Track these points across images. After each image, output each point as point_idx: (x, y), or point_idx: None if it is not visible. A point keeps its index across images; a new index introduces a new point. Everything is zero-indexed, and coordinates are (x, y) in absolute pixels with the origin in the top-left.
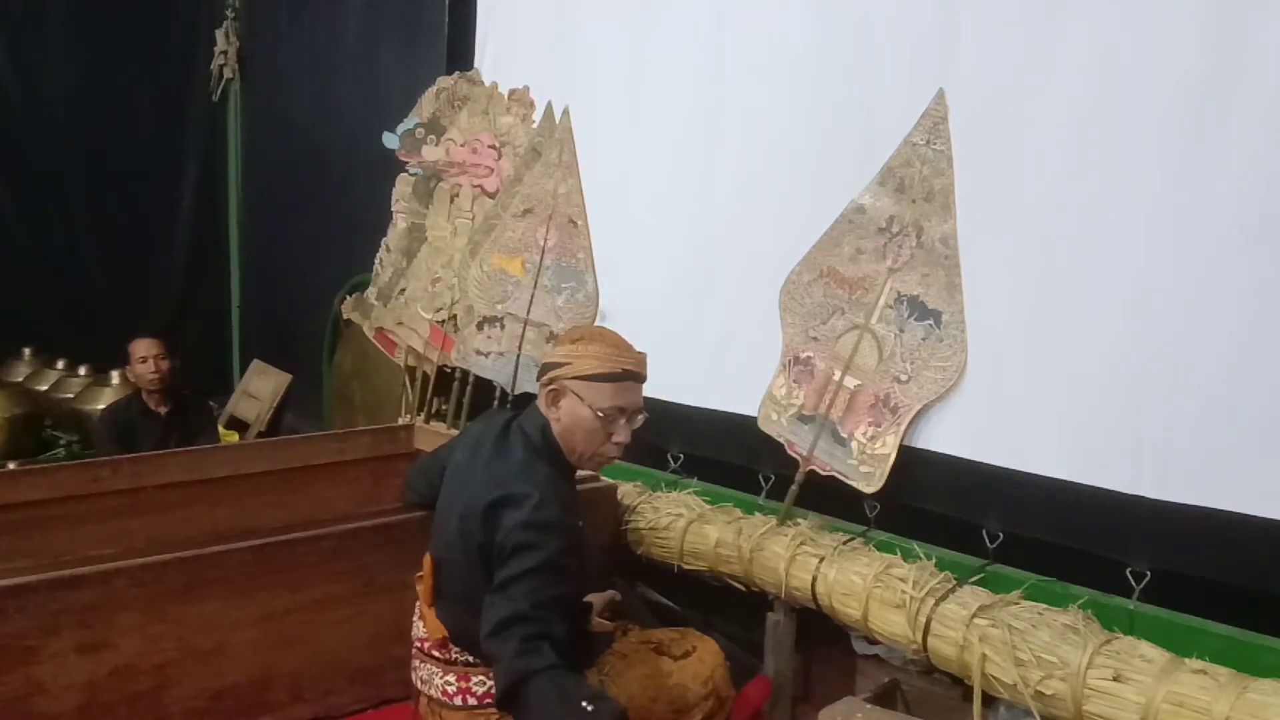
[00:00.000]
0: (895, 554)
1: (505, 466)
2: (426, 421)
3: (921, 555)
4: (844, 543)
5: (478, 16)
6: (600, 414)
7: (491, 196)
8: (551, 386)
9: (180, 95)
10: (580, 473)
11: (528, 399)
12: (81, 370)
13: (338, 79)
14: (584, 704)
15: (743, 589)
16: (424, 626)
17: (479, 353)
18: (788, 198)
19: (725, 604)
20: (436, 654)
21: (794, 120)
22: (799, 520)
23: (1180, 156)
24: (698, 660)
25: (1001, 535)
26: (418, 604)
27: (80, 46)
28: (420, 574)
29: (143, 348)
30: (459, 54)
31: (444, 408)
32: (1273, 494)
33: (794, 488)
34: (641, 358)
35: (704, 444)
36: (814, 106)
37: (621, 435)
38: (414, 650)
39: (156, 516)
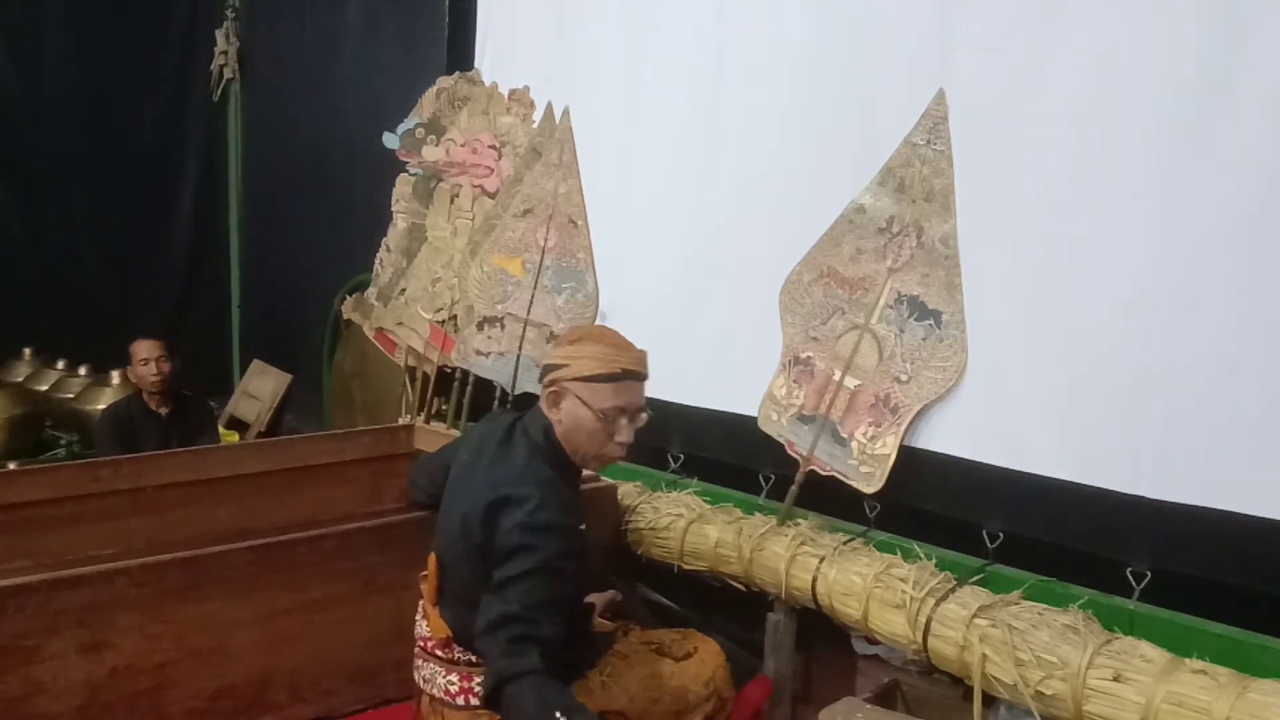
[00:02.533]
0: (895, 554)
1: (507, 468)
2: (426, 421)
3: (921, 555)
4: (844, 543)
5: (478, 16)
6: (601, 414)
7: (491, 196)
8: (552, 388)
9: (180, 95)
10: (582, 473)
11: (528, 399)
12: (81, 370)
13: (338, 79)
14: (558, 714)
15: (743, 589)
16: (427, 626)
17: (479, 353)
18: (788, 198)
19: (725, 604)
20: (440, 653)
21: (794, 120)
22: (799, 520)
23: (1180, 156)
24: (699, 661)
25: (1001, 535)
26: (421, 603)
27: (80, 47)
28: (424, 573)
29: (144, 349)
30: (459, 54)
31: (444, 408)
32: (1273, 494)
33: (794, 488)
34: (641, 356)
35: (704, 444)
36: (814, 106)
37: (624, 435)
38: (417, 649)
39: (156, 516)
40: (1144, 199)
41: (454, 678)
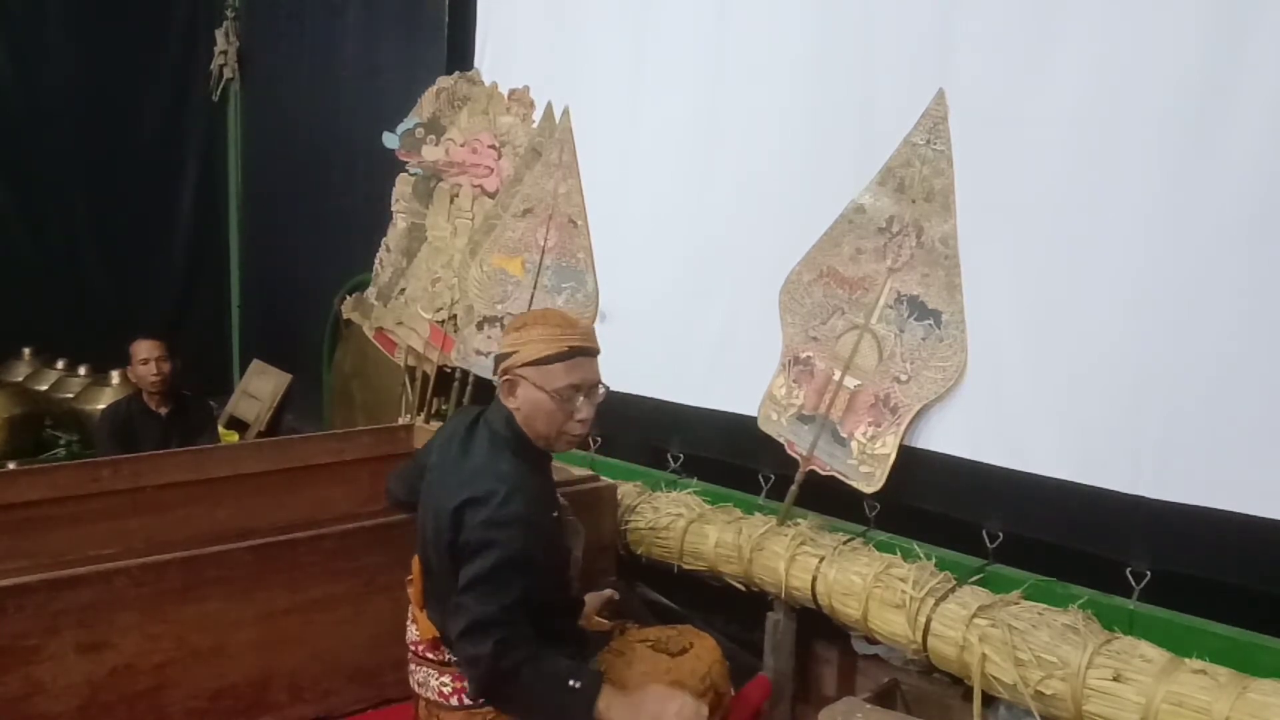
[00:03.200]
0: (895, 554)
1: (470, 465)
2: (426, 421)
3: (921, 555)
4: (844, 543)
5: (478, 16)
6: (556, 395)
7: (491, 196)
8: (506, 377)
9: (180, 95)
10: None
11: None
12: (81, 370)
13: (338, 79)
14: (570, 682)
15: (743, 589)
16: (416, 629)
17: (479, 353)
18: (788, 198)
19: (725, 604)
20: (430, 656)
21: (794, 120)
22: (799, 520)
23: (1180, 156)
24: (695, 657)
25: (1001, 535)
26: (410, 607)
27: (80, 46)
28: (410, 577)
29: (144, 349)
30: (459, 54)
31: (444, 408)
32: (1273, 494)
33: (794, 488)
34: (588, 330)
35: (704, 444)
36: (814, 106)
37: (583, 412)
38: (409, 654)
39: (156, 516)
40: (1144, 199)
41: (446, 679)
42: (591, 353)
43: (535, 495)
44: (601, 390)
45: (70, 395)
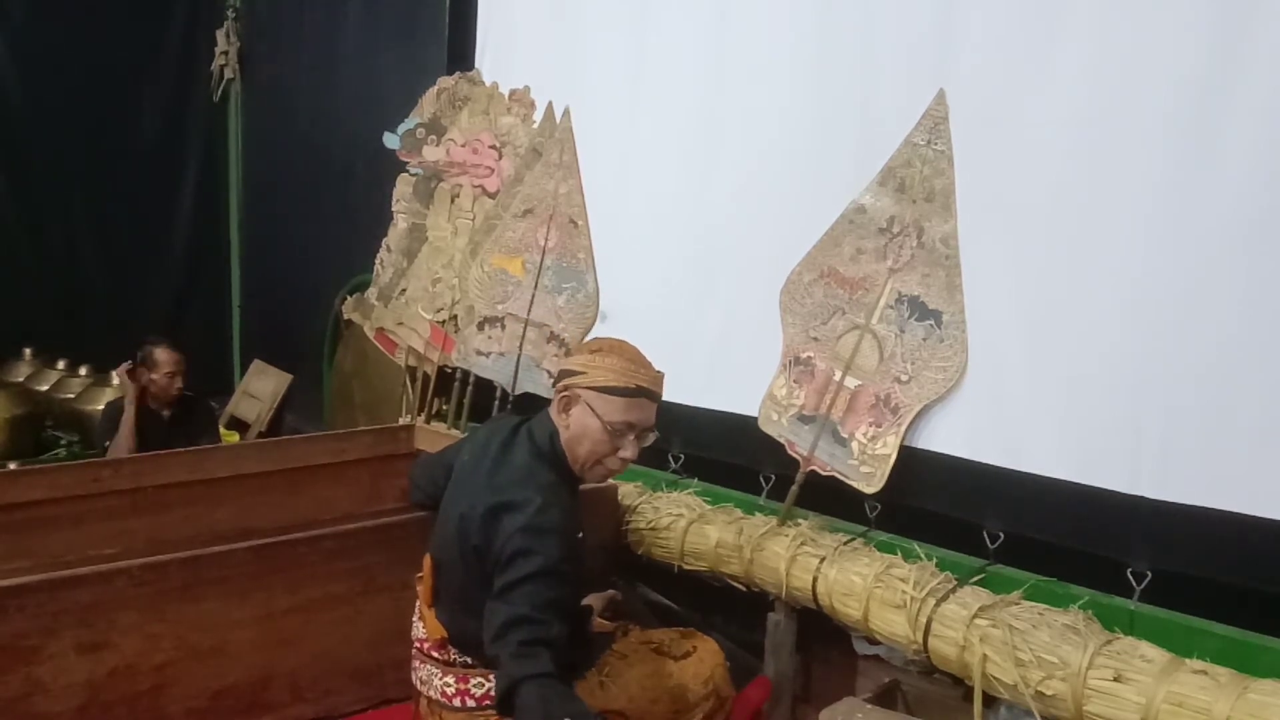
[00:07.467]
0: (896, 554)
1: (508, 471)
2: (427, 422)
3: (922, 555)
4: (844, 543)
5: (478, 16)
6: (609, 427)
7: (492, 196)
8: (564, 394)
9: (180, 95)
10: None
11: (528, 399)
12: (81, 370)
13: (338, 79)
14: None
15: (743, 589)
16: (423, 627)
17: (479, 353)
18: (788, 198)
19: (725, 604)
20: (436, 655)
21: (794, 120)
22: (799, 520)
23: (1180, 156)
24: (698, 660)
25: (1002, 535)
26: (418, 604)
27: (81, 46)
28: (420, 574)
29: (169, 362)
30: (459, 54)
31: (444, 408)
32: (1273, 494)
33: (794, 488)
34: (658, 377)
35: (704, 444)
36: (814, 106)
37: (628, 451)
38: (414, 651)
39: (157, 516)
40: (1144, 198)
41: (450, 679)
42: (655, 398)
43: (569, 510)
44: (651, 436)
45: (70, 395)
